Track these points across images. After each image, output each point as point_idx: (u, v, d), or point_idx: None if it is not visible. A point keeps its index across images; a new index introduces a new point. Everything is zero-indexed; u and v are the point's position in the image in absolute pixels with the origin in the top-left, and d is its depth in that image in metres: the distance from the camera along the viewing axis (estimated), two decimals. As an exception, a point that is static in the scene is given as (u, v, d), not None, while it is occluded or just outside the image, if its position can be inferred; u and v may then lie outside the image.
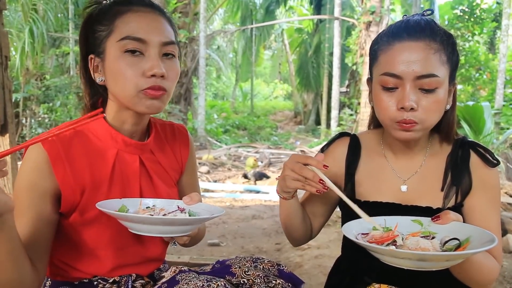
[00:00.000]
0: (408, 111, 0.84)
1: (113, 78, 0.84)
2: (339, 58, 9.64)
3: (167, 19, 0.89)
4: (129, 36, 0.82)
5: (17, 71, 8.29)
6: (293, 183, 0.84)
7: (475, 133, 4.96)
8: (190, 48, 10.36)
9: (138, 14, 0.85)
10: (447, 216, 0.76)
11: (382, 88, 0.87)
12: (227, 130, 12.54)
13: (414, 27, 0.87)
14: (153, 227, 0.76)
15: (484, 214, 0.91)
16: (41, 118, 8.56)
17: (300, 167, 0.82)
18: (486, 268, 0.84)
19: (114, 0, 0.88)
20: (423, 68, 0.83)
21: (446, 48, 0.86)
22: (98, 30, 0.85)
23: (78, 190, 0.83)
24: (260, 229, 3.57)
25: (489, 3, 11.24)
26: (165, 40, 0.85)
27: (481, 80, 10.49)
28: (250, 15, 14.68)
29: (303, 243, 1.07)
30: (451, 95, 0.91)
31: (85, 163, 0.85)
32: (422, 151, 0.96)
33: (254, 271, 0.83)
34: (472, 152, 0.94)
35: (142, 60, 0.83)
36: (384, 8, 8.32)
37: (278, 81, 23.52)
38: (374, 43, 0.93)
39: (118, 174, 0.88)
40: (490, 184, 0.92)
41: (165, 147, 0.99)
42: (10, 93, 2.47)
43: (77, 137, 0.86)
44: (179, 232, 0.78)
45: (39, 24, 8.19)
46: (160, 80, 0.83)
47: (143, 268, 0.94)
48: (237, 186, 5.70)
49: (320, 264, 2.55)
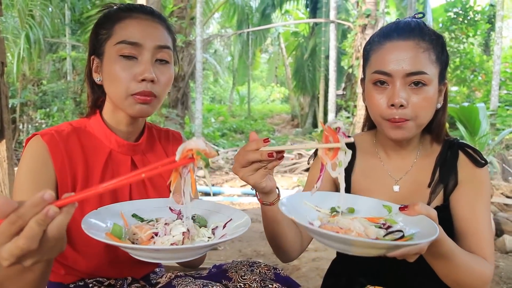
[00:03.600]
0: (398, 108, 0.86)
1: (109, 79, 0.88)
2: (335, 61, 9.67)
3: (165, 26, 0.93)
4: (125, 41, 0.86)
5: (14, 77, 8.27)
6: (257, 175, 0.77)
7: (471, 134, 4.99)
8: (186, 53, 10.38)
9: (136, 20, 0.89)
10: (415, 208, 0.71)
11: (373, 85, 0.90)
12: (225, 134, 12.54)
13: (404, 28, 0.90)
14: (172, 255, 0.65)
15: (473, 209, 0.90)
16: (38, 124, 8.54)
17: (244, 158, 0.75)
18: (476, 271, 0.82)
19: (119, 7, 0.93)
20: (412, 65, 0.86)
21: (435, 47, 0.89)
22: (100, 33, 0.91)
23: (70, 182, 0.85)
24: (257, 233, 3.57)
25: (482, 5, 11.34)
26: (159, 44, 0.88)
27: (476, 82, 10.55)
28: (246, 19, 14.72)
29: (293, 256, 0.97)
30: (442, 94, 0.93)
31: (81, 159, 0.88)
32: (413, 151, 0.98)
33: (251, 275, 0.84)
34: (460, 152, 0.96)
35: (135, 64, 0.87)
36: (379, 11, 8.37)
37: (275, 84, 23.56)
38: (366, 44, 0.96)
39: (109, 173, 0.90)
40: (477, 180, 0.93)
41: (157, 149, 1.01)
42: (6, 99, 2.47)
43: (74, 134, 0.89)
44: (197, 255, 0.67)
45: (36, 29, 8.19)
46: (150, 85, 0.86)
47: (138, 269, 0.95)
48: (235, 189, 5.70)
49: (317, 267, 2.55)
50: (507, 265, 2.73)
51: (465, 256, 0.81)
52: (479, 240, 0.88)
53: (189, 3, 10.49)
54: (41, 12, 8.45)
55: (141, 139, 0.97)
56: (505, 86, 10.00)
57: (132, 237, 0.72)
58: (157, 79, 0.87)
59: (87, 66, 0.94)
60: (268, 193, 0.83)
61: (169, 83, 0.91)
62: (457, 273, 0.81)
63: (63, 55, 9.90)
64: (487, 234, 0.89)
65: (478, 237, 0.88)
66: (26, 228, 0.52)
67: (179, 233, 0.70)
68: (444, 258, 0.78)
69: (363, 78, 0.97)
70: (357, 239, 0.64)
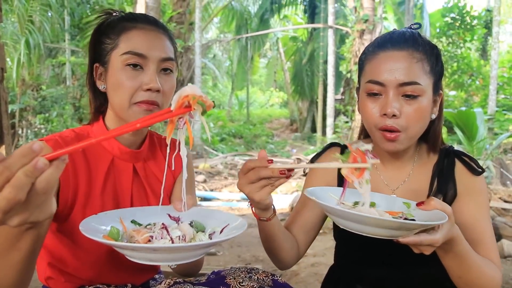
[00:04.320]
0: (391, 118, 0.87)
1: (113, 88, 0.90)
2: (334, 66, 9.73)
3: (168, 36, 0.95)
4: (131, 51, 0.88)
5: (14, 82, 8.29)
6: (263, 192, 0.78)
7: (468, 139, 5.01)
8: (185, 57, 10.42)
9: (142, 31, 0.91)
10: (431, 203, 0.76)
11: (367, 95, 0.91)
12: (224, 139, 12.54)
13: (398, 38, 0.91)
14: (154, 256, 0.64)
15: (477, 218, 0.92)
16: (37, 129, 8.54)
17: (255, 175, 0.77)
18: (487, 274, 0.84)
19: (122, 16, 0.94)
20: (406, 76, 0.86)
21: (429, 58, 0.89)
22: (105, 42, 0.92)
23: (72, 189, 0.86)
24: (256, 238, 3.56)
25: (478, 10, 11.43)
26: (164, 56, 0.90)
27: (473, 86, 10.61)
28: (245, 24, 14.79)
29: (291, 264, 1.01)
30: (437, 105, 0.94)
31: (83, 165, 0.88)
32: (410, 160, 0.99)
33: (249, 282, 0.84)
34: (457, 161, 0.97)
35: (141, 73, 0.89)
36: (377, 17, 8.44)
37: (273, 89, 23.62)
38: (362, 54, 0.98)
39: (111, 180, 0.91)
40: (476, 189, 0.94)
41: (158, 156, 1.02)
42: (6, 104, 2.48)
43: (77, 141, 0.89)
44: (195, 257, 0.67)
45: (35, 35, 8.22)
46: (155, 95, 0.88)
47: (138, 276, 0.95)
48: (234, 194, 5.70)
49: (316, 272, 2.55)
50: (505, 269, 2.73)
51: (478, 259, 0.84)
52: (485, 247, 0.90)
53: (188, 9, 10.55)
54: (41, 17, 8.48)
55: (142, 147, 0.97)
56: (502, 90, 10.05)
57: (130, 241, 0.73)
58: (161, 89, 0.89)
59: (89, 72, 0.95)
60: (266, 209, 0.86)
61: (172, 92, 0.93)
62: (470, 274, 0.83)
63: (63, 60, 9.92)
64: (491, 240, 0.91)
65: (484, 244, 0.90)
66: (13, 179, 0.49)
67: (175, 236, 0.71)
68: (459, 258, 0.81)
69: (358, 87, 0.98)
70: (369, 216, 0.70)
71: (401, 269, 0.97)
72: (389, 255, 0.96)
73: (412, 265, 0.97)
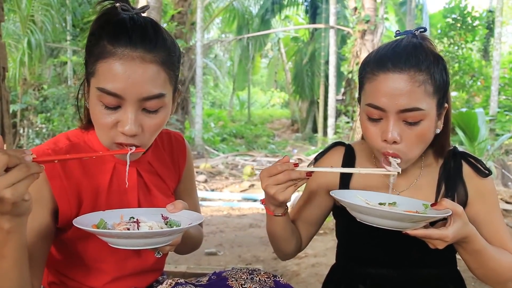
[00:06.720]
0: (391, 144, 0.86)
1: (92, 118, 0.81)
2: (335, 66, 9.72)
3: (160, 60, 0.77)
4: (104, 89, 0.75)
5: (15, 82, 8.30)
6: (287, 192, 0.86)
7: (470, 139, 5.02)
8: (187, 58, 10.42)
9: (121, 61, 0.74)
10: (442, 203, 0.80)
11: (367, 118, 0.89)
12: (224, 139, 12.54)
13: (400, 56, 0.84)
14: (126, 241, 0.74)
15: (491, 221, 0.94)
16: (39, 128, 8.55)
17: (284, 177, 0.85)
18: (504, 265, 0.88)
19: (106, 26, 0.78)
20: (407, 102, 0.82)
21: (432, 76, 0.84)
22: (87, 61, 0.80)
23: (74, 203, 0.84)
24: (257, 238, 3.56)
25: (480, 11, 11.41)
26: (145, 96, 0.76)
27: (475, 87, 10.60)
28: (246, 24, 14.79)
29: (291, 256, 1.07)
30: (442, 118, 0.90)
31: (82, 176, 0.86)
32: (416, 164, 0.97)
33: (251, 284, 0.84)
34: (464, 163, 0.96)
35: (118, 111, 0.77)
36: (378, 17, 8.44)
37: (275, 89, 23.62)
38: (361, 68, 0.93)
39: (115, 187, 0.89)
40: (487, 191, 0.95)
41: (162, 157, 0.99)
42: (7, 104, 2.49)
43: (73, 150, 0.86)
44: (154, 244, 0.76)
45: (37, 34, 8.23)
46: (132, 139, 0.79)
47: (142, 279, 0.95)
48: (235, 194, 5.70)
49: (317, 273, 2.55)
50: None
51: (495, 252, 0.88)
52: (501, 240, 0.93)
53: (190, 9, 10.56)
54: (42, 17, 8.49)
55: (147, 151, 0.95)
56: (504, 91, 10.04)
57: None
58: (141, 130, 0.79)
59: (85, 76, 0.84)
60: (282, 205, 0.93)
61: (159, 128, 0.83)
62: (487, 266, 0.87)
63: (64, 59, 9.93)
64: (506, 234, 0.94)
65: (500, 237, 0.93)
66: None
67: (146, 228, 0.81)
68: (476, 254, 0.86)
69: (359, 97, 0.95)
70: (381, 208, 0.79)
71: (404, 270, 0.97)
72: (392, 255, 0.96)
73: (415, 265, 0.97)
